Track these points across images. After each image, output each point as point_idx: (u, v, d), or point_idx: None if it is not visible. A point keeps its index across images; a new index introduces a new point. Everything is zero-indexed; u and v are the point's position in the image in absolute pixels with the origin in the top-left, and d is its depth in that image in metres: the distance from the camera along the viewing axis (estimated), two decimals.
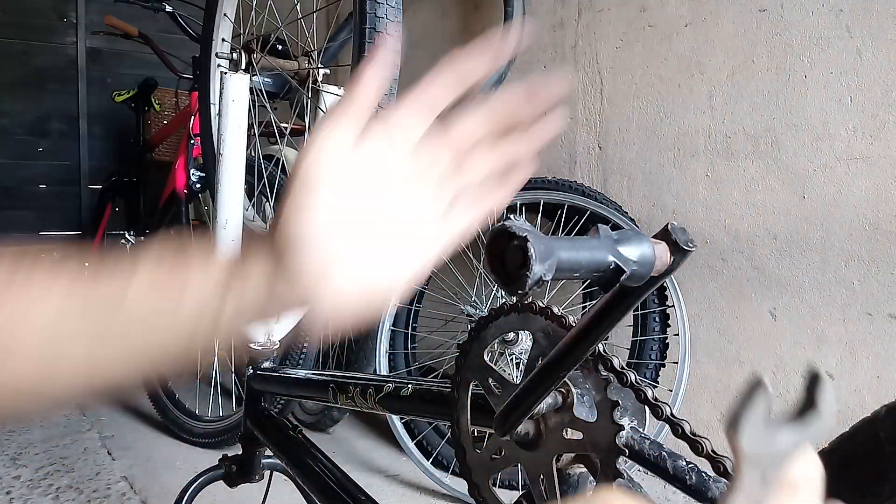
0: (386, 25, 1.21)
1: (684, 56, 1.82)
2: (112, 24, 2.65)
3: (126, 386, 0.42)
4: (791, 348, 1.63)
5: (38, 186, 3.77)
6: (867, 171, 1.49)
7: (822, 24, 1.55)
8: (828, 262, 1.55)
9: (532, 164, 0.41)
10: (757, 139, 1.67)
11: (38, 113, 3.87)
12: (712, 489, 0.46)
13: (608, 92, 2.02)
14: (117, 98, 3.12)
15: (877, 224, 1.47)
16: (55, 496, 1.74)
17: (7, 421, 1.98)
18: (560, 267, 0.31)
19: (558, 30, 2.17)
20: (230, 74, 1.53)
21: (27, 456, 1.99)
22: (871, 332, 1.49)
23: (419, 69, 0.38)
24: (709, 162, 1.77)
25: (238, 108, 1.51)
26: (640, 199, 1.93)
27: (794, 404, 0.27)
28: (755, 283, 1.69)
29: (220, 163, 1.52)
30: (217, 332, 0.39)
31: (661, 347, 1.81)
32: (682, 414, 2.00)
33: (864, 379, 1.50)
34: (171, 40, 2.67)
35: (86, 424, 2.28)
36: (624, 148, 1.98)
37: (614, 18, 2.00)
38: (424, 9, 2.71)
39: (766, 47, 1.65)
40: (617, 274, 0.34)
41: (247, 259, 0.38)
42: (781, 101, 1.62)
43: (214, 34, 1.67)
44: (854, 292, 1.51)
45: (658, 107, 1.89)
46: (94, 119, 3.97)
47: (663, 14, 1.87)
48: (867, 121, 1.49)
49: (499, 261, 0.34)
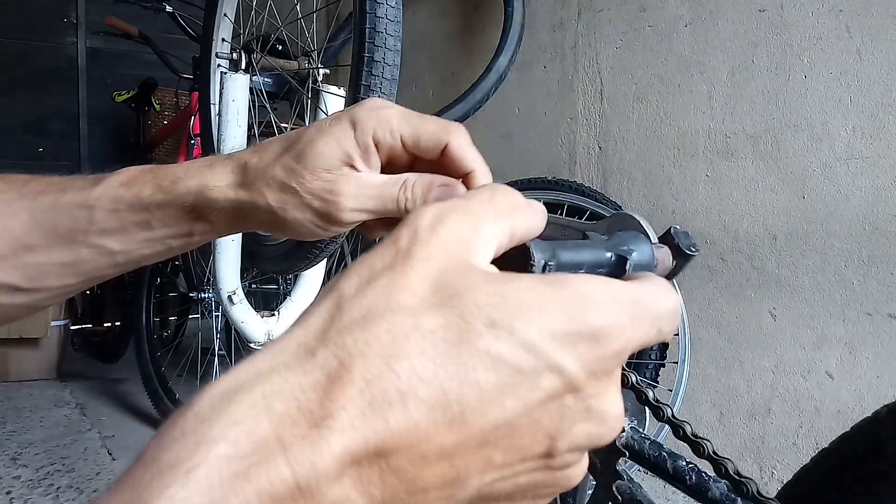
0: (386, 25, 1.21)
1: (684, 56, 1.82)
2: (113, 25, 2.65)
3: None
4: (791, 348, 1.63)
5: None
6: (867, 171, 1.49)
7: (822, 24, 1.55)
8: (828, 262, 1.55)
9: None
10: (757, 139, 1.67)
11: (38, 113, 3.87)
12: (712, 489, 0.46)
13: (608, 92, 2.02)
14: (117, 98, 3.13)
15: (877, 224, 1.47)
16: (55, 496, 1.74)
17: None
18: (562, 271, 0.31)
19: (558, 30, 2.17)
20: (230, 74, 1.53)
21: (27, 456, 1.99)
22: (871, 332, 1.49)
23: (419, 69, 0.38)
24: (709, 162, 1.77)
25: (238, 108, 1.51)
26: (640, 199, 1.93)
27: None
28: (755, 283, 1.69)
29: None
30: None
31: (660, 347, 1.80)
32: (681, 414, 2.00)
33: (864, 379, 1.50)
34: (171, 40, 2.67)
35: (86, 424, 2.28)
36: (624, 148, 1.98)
37: (614, 18, 2.00)
38: (424, 9, 2.71)
39: (766, 47, 1.65)
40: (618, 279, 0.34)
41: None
42: (781, 101, 1.62)
43: (214, 34, 1.67)
44: (854, 292, 1.51)
45: (658, 107, 1.89)
46: (94, 119, 3.97)
47: (663, 14, 1.87)
48: (867, 121, 1.49)
49: (498, 265, 0.34)
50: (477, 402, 0.20)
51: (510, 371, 0.21)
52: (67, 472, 1.88)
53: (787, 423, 1.64)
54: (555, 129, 2.19)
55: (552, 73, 2.20)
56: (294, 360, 0.20)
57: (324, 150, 0.39)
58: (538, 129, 2.25)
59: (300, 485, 0.18)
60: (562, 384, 0.21)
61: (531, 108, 2.27)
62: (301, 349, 0.21)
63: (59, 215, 0.43)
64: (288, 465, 0.18)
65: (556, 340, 0.21)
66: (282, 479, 0.18)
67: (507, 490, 0.23)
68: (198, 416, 0.19)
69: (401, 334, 0.20)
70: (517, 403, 0.21)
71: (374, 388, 0.20)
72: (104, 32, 2.77)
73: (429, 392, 0.20)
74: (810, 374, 1.59)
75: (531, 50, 2.23)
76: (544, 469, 0.23)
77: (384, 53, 1.20)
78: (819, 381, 1.58)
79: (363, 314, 0.21)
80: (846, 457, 0.49)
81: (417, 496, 0.20)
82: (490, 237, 0.25)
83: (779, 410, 1.65)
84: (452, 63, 2.60)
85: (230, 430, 0.18)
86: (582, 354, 0.21)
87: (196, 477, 0.18)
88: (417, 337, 0.20)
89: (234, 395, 0.19)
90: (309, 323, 0.21)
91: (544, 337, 0.21)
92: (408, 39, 1.69)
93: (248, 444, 0.18)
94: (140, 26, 2.69)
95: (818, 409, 1.58)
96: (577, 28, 2.11)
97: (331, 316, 0.21)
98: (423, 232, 0.23)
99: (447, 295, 0.21)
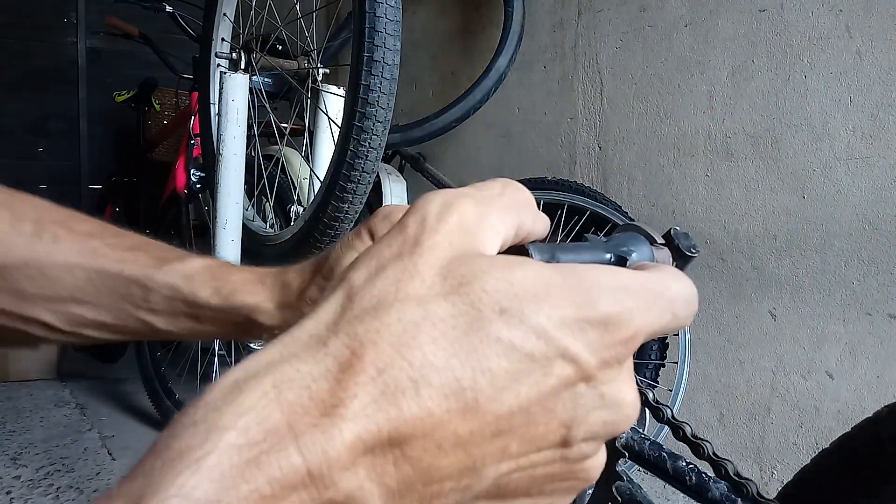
0: (386, 25, 1.21)
1: (684, 56, 1.82)
2: (113, 25, 2.65)
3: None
4: (791, 348, 1.63)
5: (39, 186, 3.77)
6: (867, 171, 1.48)
7: (822, 24, 1.55)
8: (828, 262, 1.55)
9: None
10: (757, 139, 1.67)
11: (38, 113, 3.87)
12: (713, 490, 0.46)
13: (608, 92, 2.02)
14: (117, 98, 3.12)
15: (877, 224, 1.47)
16: (55, 496, 1.74)
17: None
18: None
19: (558, 30, 2.17)
20: (230, 74, 1.53)
21: (27, 456, 1.99)
22: (871, 332, 1.49)
23: (419, 69, 0.38)
24: (709, 162, 1.77)
25: (238, 108, 1.51)
26: (640, 199, 1.93)
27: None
28: (755, 283, 1.69)
29: (220, 163, 1.52)
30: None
31: (660, 347, 1.81)
32: (681, 414, 2.00)
33: (864, 379, 1.50)
34: (171, 40, 2.67)
35: (86, 424, 2.28)
36: (624, 148, 1.98)
37: (614, 18, 2.00)
38: (424, 9, 2.71)
39: (766, 47, 1.65)
40: None
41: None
42: (781, 101, 1.62)
43: (214, 34, 1.67)
44: (854, 292, 1.51)
45: (658, 107, 1.89)
46: (94, 119, 3.97)
47: (663, 14, 1.86)
48: (867, 121, 1.49)
49: None
50: (490, 389, 0.20)
51: (522, 357, 0.20)
52: (67, 472, 1.88)
53: (787, 423, 1.63)
54: (555, 129, 2.19)
55: (552, 73, 2.20)
56: (305, 350, 0.20)
57: (348, 264, 0.42)
58: (538, 129, 2.25)
59: (312, 472, 0.18)
60: (574, 371, 0.21)
61: (531, 108, 2.27)
62: (312, 339, 0.20)
63: (115, 284, 0.44)
64: (299, 453, 0.18)
65: (566, 327, 0.21)
66: (293, 467, 0.18)
67: (523, 483, 0.22)
68: (208, 405, 0.19)
69: (411, 323, 0.20)
70: (530, 390, 0.21)
71: (386, 377, 0.19)
72: (104, 32, 2.76)
73: (441, 379, 0.20)
74: (810, 374, 1.59)
75: (531, 50, 2.23)
76: (561, 460, 0.22)
77: (384, 53, 1.20)
78: (819, 381, 1.58)
79: (374, 304, 0.21)
80: (847, 457, 0.49)
81: (433, 486, 0.20)
82: (499, 227, 0.25)
83: (779, 410, 1.65)
84: (452, 63, 2.60)
85: (241, 419, 0.18)
86: (592, 342, 0.21)
87: (207, 465, 0.17)
88: (428, 325, 0.20)
89: (245, 384, 0.19)
90: (320, 314, 0.21)
91: (554, 324, 0.21)
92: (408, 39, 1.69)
93: (258, 433, 0.18)
94: (140, 26, 2.69)
95: (818, 409, 1.58)
96: (577, 28, 2.11)
97: (341, 307, 0.21)
98: (431, 219, 0.23)
99: (456, 282, 0.21)
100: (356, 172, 1.26)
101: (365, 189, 1.29)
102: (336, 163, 1.29)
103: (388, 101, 1.23)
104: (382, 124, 1.24)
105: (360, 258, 0.23)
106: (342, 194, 1.29)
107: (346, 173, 1.27)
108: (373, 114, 1.22)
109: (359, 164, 1.25)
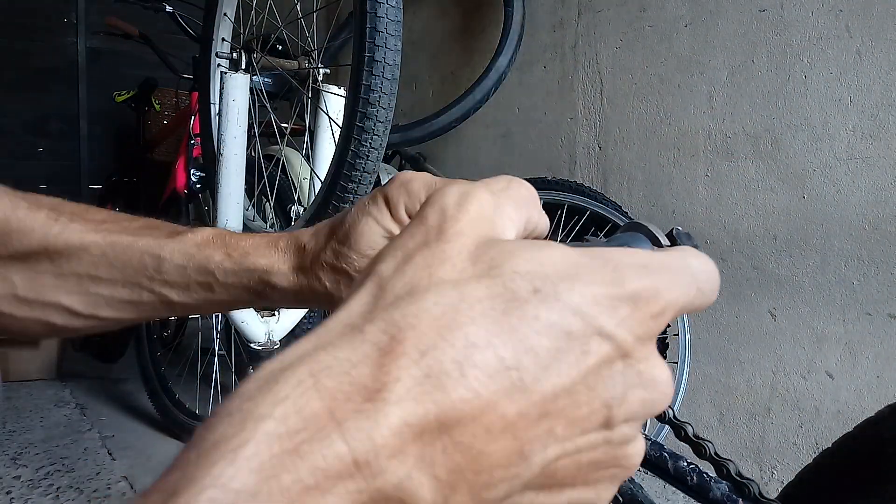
0: (386, 25, 1.21)
1: (684, 56, 1.82)
2: (113, 25, 2.65)
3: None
4: (791, 348, 1.63)
5: (39, 186, 3.77)
6: (867, 171, 1.49)
7: (822, 24, 1.55)
8: (828, 262, 1.55)
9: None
10: (757, 139, 1.67)
11: (38, 113, 3.87)
12: (714, 490, 0.46)
13: (608, 92, 2.02)
14: (117, 98, 3.12)
15: (877, 224, 1.47)
16: (55, 496, 1.74)
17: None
18: None
19: (558, 30, 2.17)
20: (230, 74, 1.53)
21: (27, 456, 1.99)
22: (871, 332, 1.49)
23: (419, 69, 0.38)
24: (709, 162, 1.77)
25: (238, 108, 1.51)
26: (640, 199, 1.93)
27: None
28: (755, 283, 1.69)
29: (220, 163, 1.52)
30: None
31: (660, 347, 1.81)
32: (681, 414, 2.00)
33: (864, 379, 1.50)
34: (171, 40, 2.67)
35: (86, 424, 2.28)
36: (624, 148, 1.98)
37: (614, 18, 2.00)
38: (424, 9, 2.71)
39: (766, 47, 1.65)
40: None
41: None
42: (781, 101, 1.62)
43: (214, 34, 1.67)
44: (854, 292, 1.51)
45: (658, 107, 1.89)
46: (94, 119, 3.97)
47: (663, 14, 1.87)
48: (867, 121, 1.49)
49: None
50: (534, 368, 0.20)
51: (562, 335, 0.20)
52: (67, 472, 1.88)
53: (787, 423, 1.64)
54: (555, 129, 2.19)
55: (552, 73, 2.20)
56: (341, 339, 0.20)
57: (364, 229, 0.42)
58: (538, 129, 2.25)
59: (358, 461, 0.17)
60: (611, 348, 0.21)
61: (531, 108, 2.27)
62: (347, 329, 0.20)
63: (129, 257, 0.45)
64: (343, 441, 0.17)
65: (599, 304, 0.21)
66: (337, 456, 0.17)
67: (570, 471, 0.22)
68: (243, 396, 0.18)
69: (449, 305, 0.20)
70: (572, 369, 0.20)
71: (430, 359, 0.19)
72: (104, 32, 2.76)
73: (486, 360, 0.19)
74: (810, 374, 1.59)
75: (531, 50, 2.23)
76: (604, 444, 0.22)
77: (384, 53, 1.20)
78: (819, 381, 1.58)
79: (407, 290, 0.21)
80: (848, 457, 0.49)
81: (483, 476, 0.19)
82: (514, 217, 0.25)
83: (779, 410, 1.65)
84: (452, 63, 2.60)
85: (278, 407, 0.17)
86: (626, 318, 0.21)
87: (244, 454, 0.17)
88: (466, 307, 0.20)
89: (280, 374, 0.18)
90: (351, 306, 0.21)
91: (588, 301, 0.21)
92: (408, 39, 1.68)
93: (298, 421, 0.17)
94: (140, 26, 2.68)
95: (818, 409, 1.58)
96: (577, 28, 2.11)
97: (373, 296, 0.21)
98: (451, 209, 0.23)
99: (487, 266, 0.21)
100: (357, 172, 1.26)
101: (366, 189, 1.29)
102: (337, 163, 1.29)
103: (389, 102, 1.23)
104: (383, 124, 1.24)
105: (383, 251, 0.23)
106: (343, 194, 1.29)
107: (346, 173, 1.27)
108: (374, 114, 1.22)
109: (360, 164, 1.25)
